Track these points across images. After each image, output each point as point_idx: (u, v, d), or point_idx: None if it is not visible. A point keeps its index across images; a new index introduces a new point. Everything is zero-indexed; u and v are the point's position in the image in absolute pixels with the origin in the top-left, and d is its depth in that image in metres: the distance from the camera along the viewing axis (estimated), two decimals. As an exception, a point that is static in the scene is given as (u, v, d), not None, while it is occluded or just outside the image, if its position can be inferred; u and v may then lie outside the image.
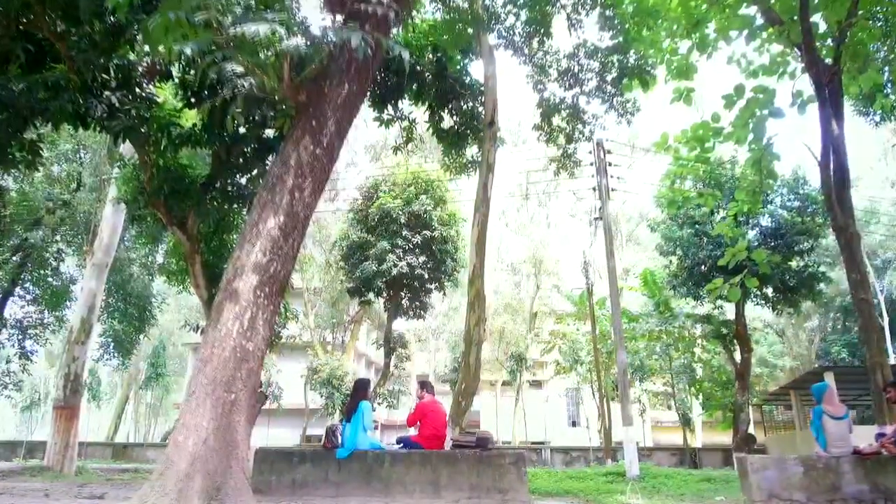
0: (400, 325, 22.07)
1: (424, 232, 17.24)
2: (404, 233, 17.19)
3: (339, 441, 6.53)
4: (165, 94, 9.09)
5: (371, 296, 18.34)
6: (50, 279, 19.55)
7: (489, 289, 14.66)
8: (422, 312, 18.54)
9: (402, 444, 7.03)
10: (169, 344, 32.18)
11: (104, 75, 8.07)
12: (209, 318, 5.10)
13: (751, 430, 19.25)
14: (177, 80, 8.53)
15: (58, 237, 18.90)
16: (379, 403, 19.10)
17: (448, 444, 7.17)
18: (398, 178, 18.56)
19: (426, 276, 17.31)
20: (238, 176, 9.34)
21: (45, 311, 19.66)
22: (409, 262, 16.82)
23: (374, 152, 25.47)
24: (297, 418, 26.55)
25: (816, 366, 21.72)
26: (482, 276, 9.78)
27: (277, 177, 5.32)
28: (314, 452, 6.60)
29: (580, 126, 10.75)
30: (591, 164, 13.65)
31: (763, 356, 32.13)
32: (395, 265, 16.63)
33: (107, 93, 8.12)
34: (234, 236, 9.78)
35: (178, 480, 3.96)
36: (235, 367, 4.58)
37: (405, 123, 10.66)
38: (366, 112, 10.67)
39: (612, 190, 13.55)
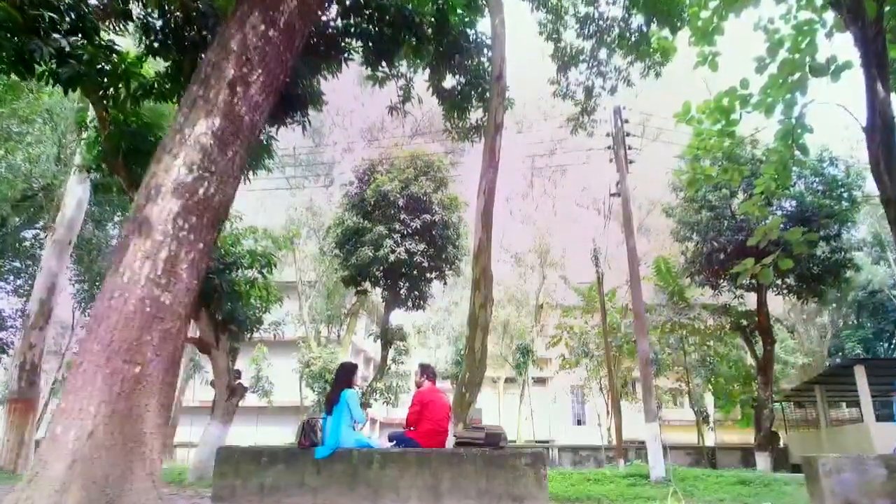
0: (399, 317, 21.02)
1: (424, 216, 16.15)
2: (402, 217, 16.11)
3: (319, 438, 5.40)
4: (131, 51, 8.00)
5: (367, 285, 17.26)
6: (31, 268, 18.68)
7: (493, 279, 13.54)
8: (421, 303, 17.42)
9: (395, 442, 5.89)
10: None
11: (52, 14, 7.03)
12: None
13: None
14: (138, 22, 7.44)
15: (38, 225, 17.93)
16: (375, 400, 17.93)
17: (451, 442, 6.03)
18: (396, 158, 17.43)
19: (426, 263, 16.22)
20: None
21: (26, 302, 18.71)
22: (408, 247, 15.72)
23: (371, 135, 24.35)
24: (290, 416, 25.51)
25: (829, 362, 20.59)
26: (489, 252, 8.64)
27: (213, 65, 3.80)
28: (288, 452, 5.44)
29: (600, 80, 9.59)
30: (608, 135, 12.47)
31: (775, 352, 31.11)
32: (393, 251, 15.54)
33: (56, 35, 7.08)
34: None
35: (51, 492, 2.73)
36: (143, 328, 3.19)
37: (402, 82, 9.50)
38: (361, 93, 9.48)
39: (631, 162, 12.38)
